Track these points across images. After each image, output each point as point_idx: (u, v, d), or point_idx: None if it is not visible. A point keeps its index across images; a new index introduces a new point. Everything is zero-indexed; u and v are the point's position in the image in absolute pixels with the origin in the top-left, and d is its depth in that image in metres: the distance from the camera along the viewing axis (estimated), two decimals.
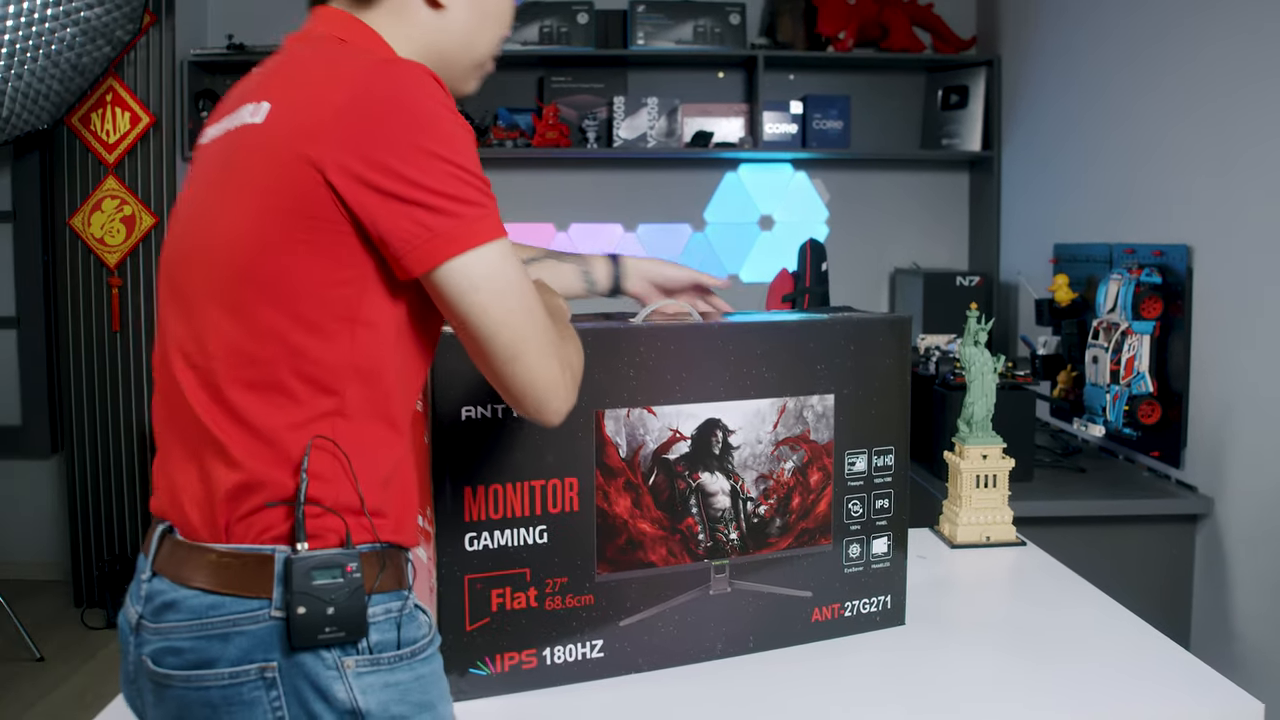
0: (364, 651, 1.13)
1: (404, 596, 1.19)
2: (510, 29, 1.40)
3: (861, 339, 1.69)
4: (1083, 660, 1.66)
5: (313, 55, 1.21)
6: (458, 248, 1.11)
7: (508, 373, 1.17)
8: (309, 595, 1.09)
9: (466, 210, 1.12)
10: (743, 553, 1.64)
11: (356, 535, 1.14)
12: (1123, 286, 3.01)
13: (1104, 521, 2.84)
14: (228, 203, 1.15)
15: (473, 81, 1.38)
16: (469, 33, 1.33)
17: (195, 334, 1.16)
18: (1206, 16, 2.89)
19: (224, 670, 1.11)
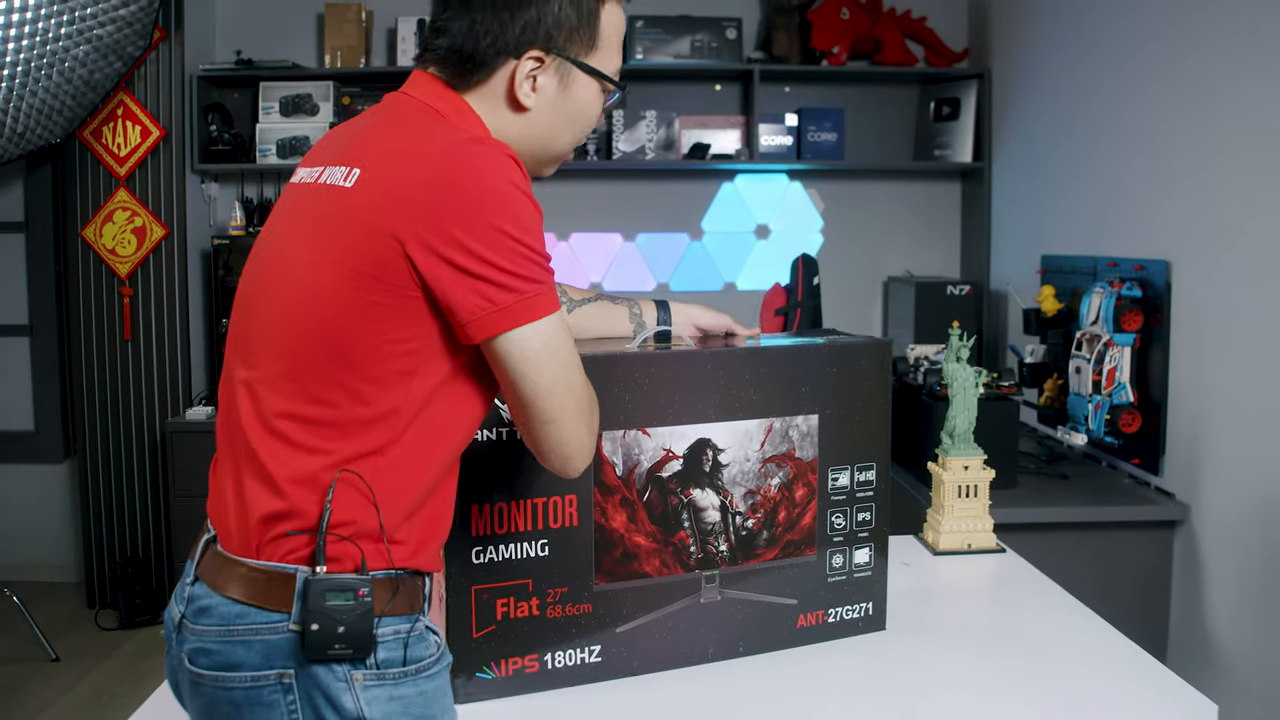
0: (372, 667, 1.25)
1: (413, 620, 1.29)
2: (596, 123, 1.49)
3: (844, 362, 1.80)
4: (1051, 662, 1.77)
5: (406, 125, 1.32)
6: (516, 322, 1.23)
7: (543, 434, 1.30)
8: (322, 614, 1.21)
9: (527, 287, 1.23)
10: (732, 563, 1.75)
11: (372, 562, 1.25)
12: (1105, 299, 3.12)
13: (1085, 527, 2.94)
14: (311, 260, 1.26)
15: (549, 169, 1.49)
16: (549, 134, 1.43)
17: (264, 367, 1.28)
18: (1193, 38, 2.99)
19: (247, 674, 1.24)
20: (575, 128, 1.45)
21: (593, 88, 1.43)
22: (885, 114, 4.85)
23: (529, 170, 1.34)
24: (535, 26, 1.36)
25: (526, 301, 1.24)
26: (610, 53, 1.44)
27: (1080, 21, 3.69)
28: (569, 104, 1.42)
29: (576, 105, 1.42)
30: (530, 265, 1.24)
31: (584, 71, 1.41)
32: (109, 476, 4.67)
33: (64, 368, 4.95)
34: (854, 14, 4.56)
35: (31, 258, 4.94)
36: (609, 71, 1.44)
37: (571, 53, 1.39)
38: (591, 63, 1.42)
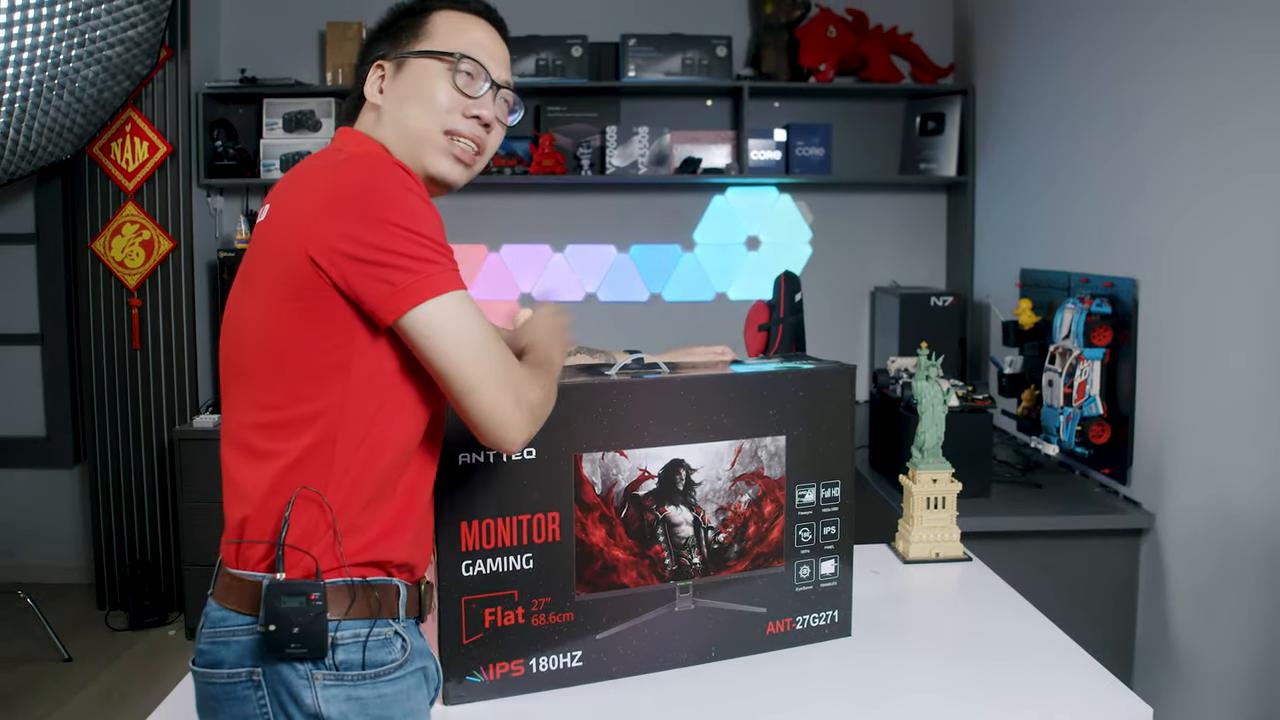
0: (330, 667, 1.38)
1: (372, 624, 1.42)
2: (457, 109, 1.57)
3: (810, 387, 1.93)
4: (1002, 665, 1.90)
5: (311, 163, 1.48)
6: (416, 299, 1.36)
7: (466, 405, 1.41)
8: (279, 616, 1.35)
9: (422, 267, 1.36)
10: (704, 575, 1.88)
11: (327, 570, 1.39)
12: (1076, 315, 3.24)
13: (1055, 535, 3.06)
14: (246, 292, 1.45)
15: (439, 160, 1.57)
16: (399, 117, 1.56)
17: (227, 391, 1.47)
18: (1165, 63, 3.10)
19: (225, 671, 1.40)
20: (421, 103, 1.56)
21: (425, 66, 1.57)
22: (872, 129, 4.97)
23: (421, 169, 1.56)
24: (375, 50, 1.61)
25: (424, 280, 1.36)
26: (442, 39, 1.58)
27: (1059, 40, 3.81)
28: (404, 83, 1.56)
29: (411, 81, 1.56)
30: (421, 249, 1.37)
31: (412, 56, 1.57)
32: (119, 481, 4.80)
33: (74, 376, 5.08)
34: (841, 32, 4.69)
35: (42, 268, 5.07)
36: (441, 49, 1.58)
37: (400, 49, 1.59)
38: (421, 49, 1.58)
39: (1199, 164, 2.89)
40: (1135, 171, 3.23)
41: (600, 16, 4.83)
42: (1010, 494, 3.25)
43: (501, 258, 4.93)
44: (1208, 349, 2.84)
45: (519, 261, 4.95)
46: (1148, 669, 3.08)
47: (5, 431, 5.16)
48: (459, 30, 1.60)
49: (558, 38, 4.63)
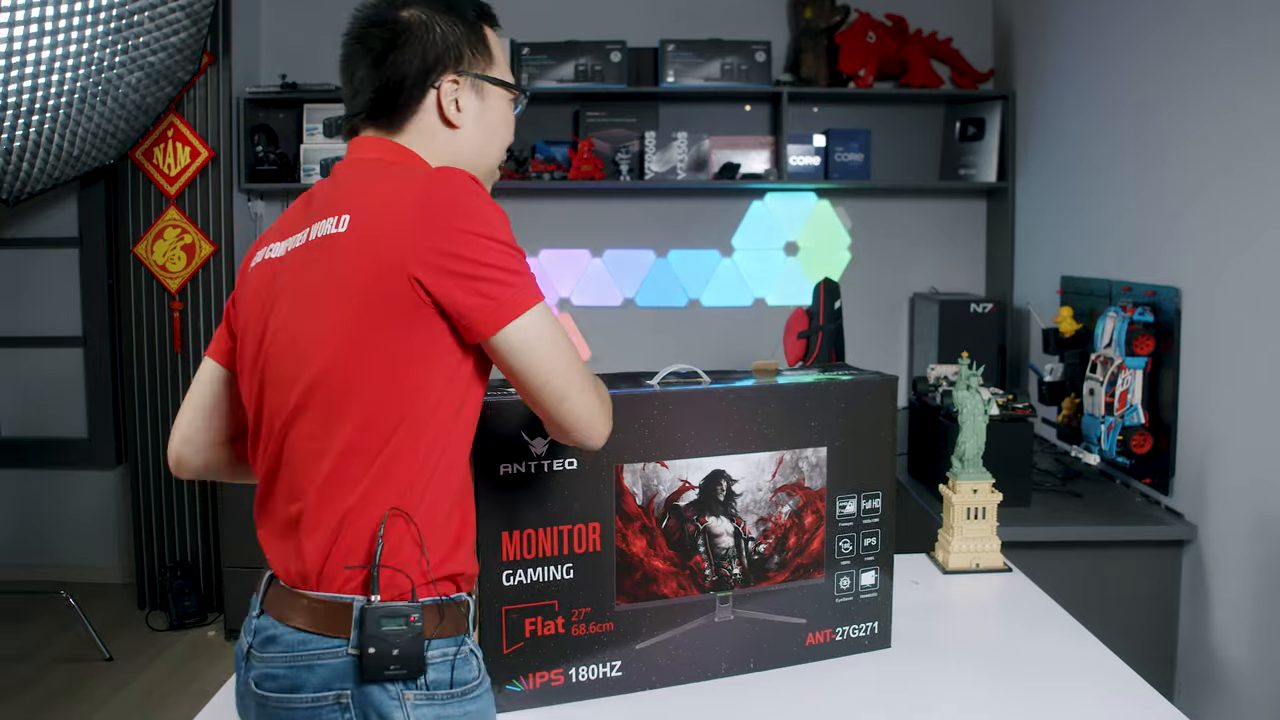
0: (421, 687, 1.38)
1: (460, 641, 1.43)
2: (512, 137, 1.66)
3: (851, 398, 1.92)
4: (1043, 680, 1.88)
5: (372, 175, 1.48)
6: (516, 312, 1.38)
7: (561, 411, 1.43)
8: (378, 638, 1.35)
9: (516, 280, 1.38)
10: (744, 585, 1.88)
11: (421, 590, 1.39)
12: (1118, 323, 3.22)
13: (1096, 546, 3.04)
14: (315, 307, 1.40)
15: (489, 184, 1.62)
16: (480, 147, 1.60)
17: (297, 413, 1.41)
18: (1210, 67, 3.08)
19: (309, 695, 1.37)
20: (499, 137, 1.62)
21: (503, 97, 1.61)
22: (911, 134, 4.94)
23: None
24: (442, 54, 1.54)
25: (520, 293, 1.38)
26: (504, 66, 1.62)
27: (1102, 45, 3.78)
28: (490, 114, 1.59)
29: (496, 115, 1.60)
30: (511, 259, 1.39)
31: (493, 84, 1.59)
32: (159, 483, 4.84)
33: (116, 378, 5.13)
34: (880, 37, 4.67)
35: (85, 272, 5.12)
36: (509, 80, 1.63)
37: (477, 70, 1.57)
38: (495, 75, 1.60)
39: (1245, 173, 2.87)
40: (1179, 179, 3.20)
41: (639, 22, 4.83)
42: (1051, 504, 3.23)
43: (540, 262, 4.94)
44: (1252, 359, 2.81)
45: (558, 266, 4.96)
46: (1189, 683, 3.05)
47: (48, 433, 5.21)
48: (505, 53, 1.65)
49: (597, 43, 4.63)
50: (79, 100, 4.00)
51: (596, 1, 4.89)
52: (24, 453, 5.20)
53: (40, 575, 5.13)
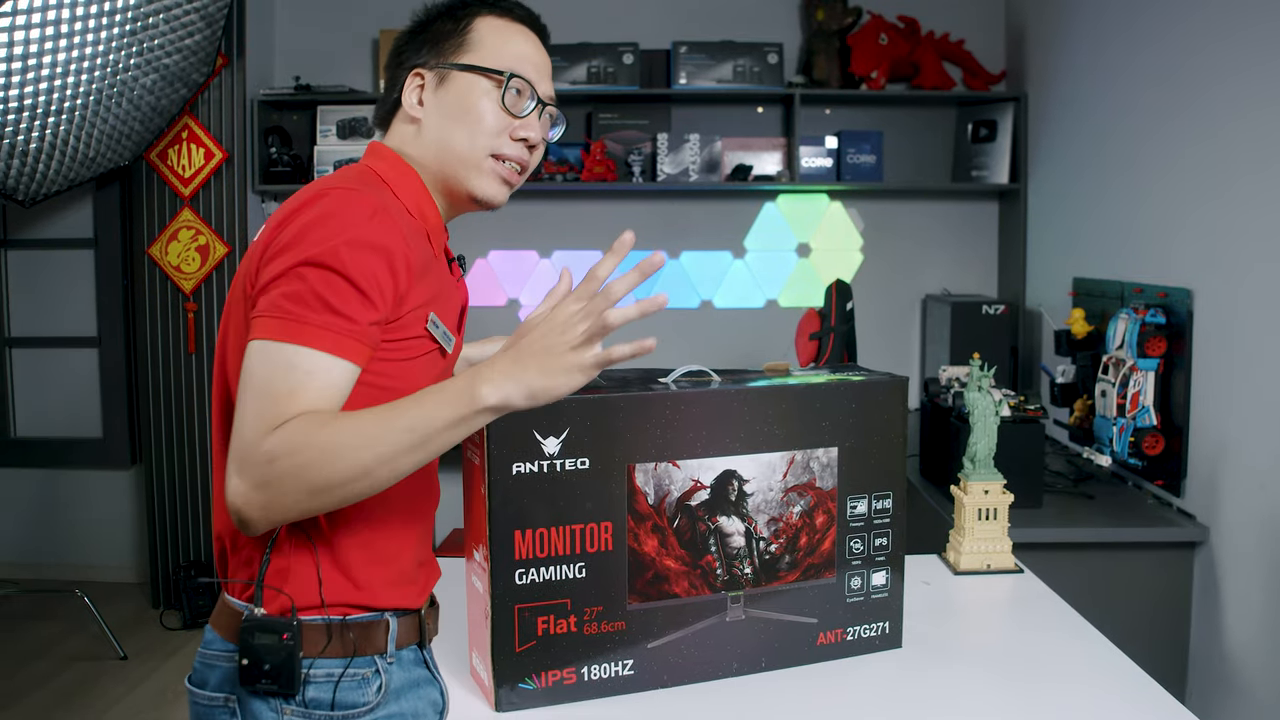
0: (299, 704, 1.40)
1: (348, 664, 1.42)
2: (505, 130, 1.54)
3: (862, 398, 1.93)
4: (1054, 681, 1.88)
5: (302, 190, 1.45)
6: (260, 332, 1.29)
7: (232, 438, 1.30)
8: (252, 650, 1.37)
9: (293, 307, 1.29)
10: (755, 585, 1.88)
11: (304, 607, 1.40)
12: (1129, 325, 3.22)
13: (1108, 548, 3.04)
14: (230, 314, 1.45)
15: (484, 183, 1.55)
16: (442, 135, 1.53)
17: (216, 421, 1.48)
18: (1222, 69, 3.08)
19: (207, 692, 1.43)
20: (465, 123, 1.53)
21: (470, 82, 1.53)
22: (923, 136, 4.95)
23: (456, 186, 1.54)
24: (412, 51, 1.56)
25: (284, 321, 1.28)
26: (488, 52, 1.54)
27: (1113, 47, 3.78)
28: (448, 99, 1.53)
29: (456, 100, 1.53)
30: (310, 297, 1.29)
31: (456, 69, 1.53)
32: (173, 483, 4.87)
33: (131, 378, 5.16)
34: (893, 39, 4.68)
35: (100, 273, 5.15)
36: (488, 65, 1.54)
37: (442, 60, 1.54)
38: (464, 62, 1.54)
39: (1256, 175, 2.87)
40: (1190, 181, 3.20)
41: (652, 24, 4.85)
42: (1062, 505, 3.23)
43: (553, 264, 4.96)
44: (1264, 361, 2.81)
45: (570, 267, 4.96)
46: (1201, 685, 3.05)
47: (63, 433, 5.24)
48: (504, 41, 1.56)
49: (609, 45, 4.65)
50: (94, 102, 4.02)
51: (609, 4, 4.90)
52: (39, 452, 5.24)
53: (55, 574, 5.16)
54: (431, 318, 1.45)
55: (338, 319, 1.29)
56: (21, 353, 5.24)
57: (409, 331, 1.42)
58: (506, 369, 1.28)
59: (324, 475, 1.24)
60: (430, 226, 1.54)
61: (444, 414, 1.27)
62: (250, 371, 1.28)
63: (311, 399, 1.27)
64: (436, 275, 1.49)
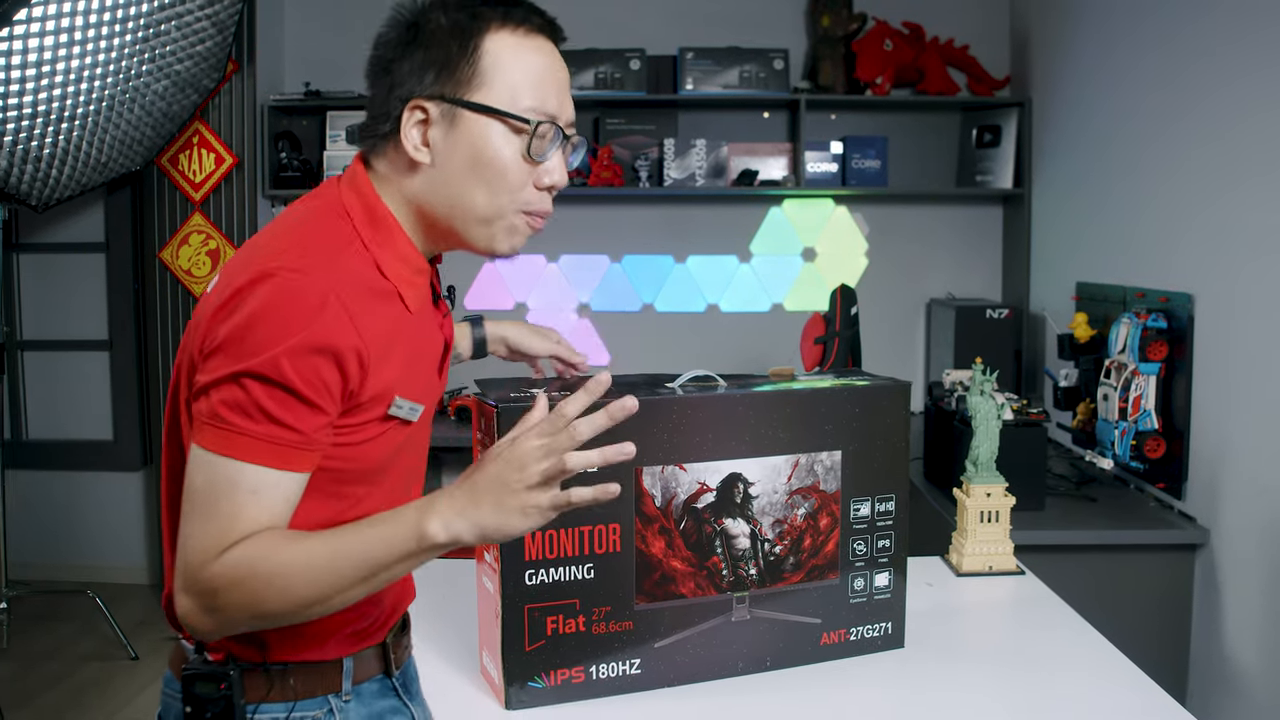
0: None
1: (291, 708, 1.37)
2: (530, 182, 1.36)
3: (865, 403, 1.96)
4: (1055, 680, 1.92)
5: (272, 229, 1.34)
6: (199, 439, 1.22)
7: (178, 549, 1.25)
8: (193, 698, 1.33)
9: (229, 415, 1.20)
10: (760, 586, 1.92)
11: (242, 656, 1.35)
12: (1131, 329, 3.25)
13: (1109, 549, 3.07)
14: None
15: (506, 240, 1.39)
16: (456, 191, 1.34)
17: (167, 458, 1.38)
18: (1224, 75, 3.12)
19: None
20: (485, 179, 1.33)
21: (489, 128, 1.32)
22: (928, 141, 4.99)
23: (465, 238, 1.37)
24: (410, 78, 1.31)
25: (225, 433, 1.21)
26: (505, 87, 1.32)
27: (1116, 52, 3.81)
28: (462, 150, 1.32)
29: (472, 150, 1.32)
30: (251, 408, 1.21)
31: (470, 109, 1.31)
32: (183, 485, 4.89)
33: (141, 381, 5.20)
34: (897, 44, 4.72)
35: (111, 277, 5.19)
36: (503, 106, 1.32)
37: (451, 93, 1.31)
38: (479, 99, 1.31)
39: (1256, 181, 2.90)
40: (1191, 186, 3.23)
41: (658, 30, 4.89)
42: (1064, 507, 3.26)
43: (560, 268, 5.00)
44: (1264, 365, 2.84)
45: (578, 272, 5.02)
46: (1201, 686, 3.09)
47: (74, 435, 5.29)
48: (521, 65, 1.33)
49: (616, 51, 4.69)
50: (107, 108, 4.07)
51: (616, 10, 4.94)
52: (50, 454, 5.28)
53: (66, 575, 5.20)
54: (395, 401, 1.34)
55: (282, 431, 1.21)
56: (33, 355, 5.29)
57: (364, 417, 1.31)
58: (459, 505, 1.23)
59: (271, 606, 1.22)
60: (405, 282, 1.36)
61: (392, 551, 1.23)
62: (193, 485, 1.22)
63: (257, 517, 1.22)
64: (405, 347, 1.35)
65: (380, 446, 1.35)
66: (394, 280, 1.34)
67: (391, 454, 1.38)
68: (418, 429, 1.43)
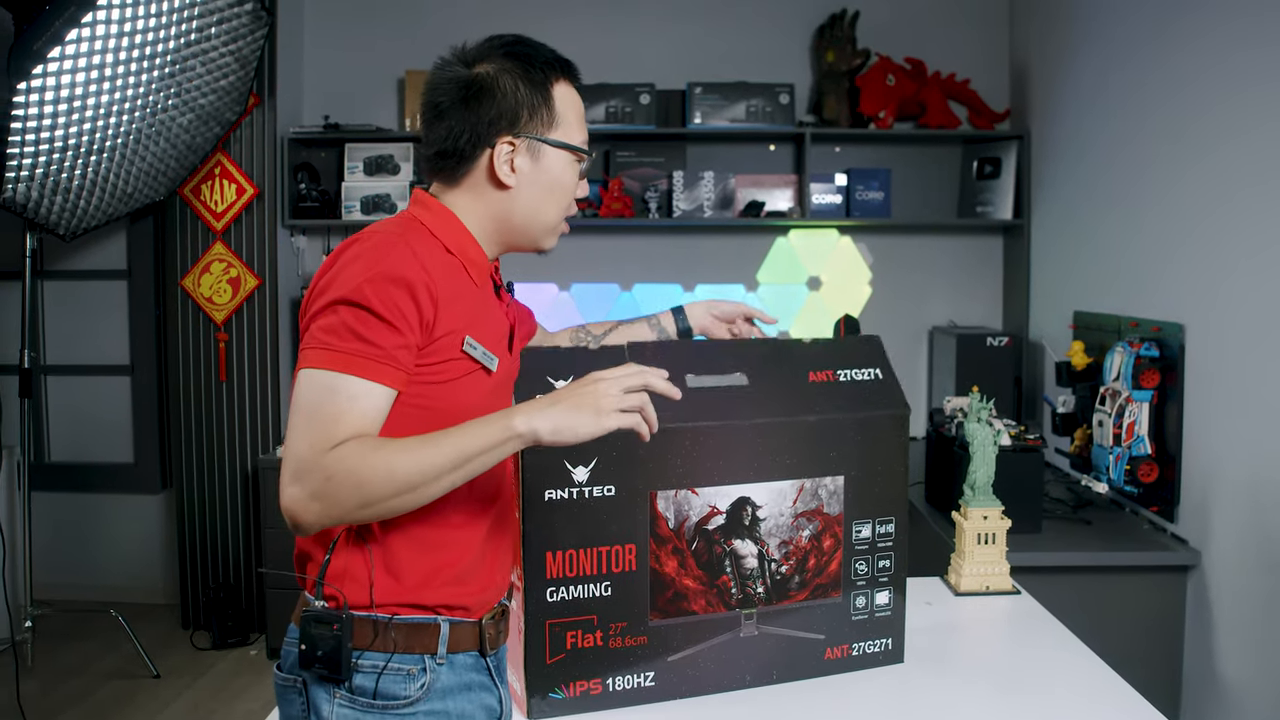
0: (346, 690, 1.57)
1: (389, 658, 1.58)
2: (579, 193, 1.76)
3: (866, 431, 2.08)
4: (1049, 697, 2.02)
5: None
6: (302, 364, 1.49)
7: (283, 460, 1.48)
8: (309, 638, 1.56)
9: (330, 339, 1.48)
10: (767, 603, 2.03)
11: (355, 606, 1.57)
12: (1125, 358, 3.36)
13: (1103, 571, 3.18)
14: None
15: (550, 240, 1.76)
16: (534, 207, 1.70)
17: None
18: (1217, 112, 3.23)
19: (283, 674, 1.63)
20: (556, 197, 1.70)
21: (563, 159, 1.69)
22: (930, 173, 5.11)
23: (530, 246, 1.74)
24: (500, 117, 1.63)
25: (314, 353, 1.48)
26: (571, 126, 1.70)
27: (1113, 87, 3.93)
28: (544, 176, 1.67)
29: (551, 176, 1.68)
30: (340, 322, 1.48)
31: (551, 146, 1.67)
32: (203, 507, 5.02)
33: (162, 406, 5.33)
34: (900, 79, 4.84)
35: (134, 303, 5.33)
36: (574, 143, 1.70)
37: (536, 132, 1.65)
38: (555, 137, 1.67)
39: (1242, 214, 3.02)
40: (1181, 219, 3.35)
41: (667, 65, 5.02)
42: (1061, 530, 3.36)
43: (571, 296, 5.12)
44: (1252, 392, 2.95)
45: (589, 300, 5.13)
46: (1194, 703, 3.18)
47: (96, 458, 5.42)
48: (575, 111, 1.71)
49: (627, 86, 4.82)
50: (134, 141, 4.20)
51: (627, 46, 5.08)
52: (73, 477, 5.40)
53: (88, 595, 5.31)
54: (468, 340, 1.59)
55: (367, 346, 1.47)
56: (56, 380, 5.41)
57: (444, 355, 1.57)
58: (542, 404, 1.50)
59: (376, 490, 1.43)
60: (469, 261, 1.66)
61: (480, 441, 1.47)
62: (300, 395, 1.47)
63: (355, 421, 1.46)
64: (471, 302, 1.63)
65: (466, 390, 1.61)
66: (459, 255, 1.64)
67: (477, 404, 1.60)
68: (499, 389, 1.70)
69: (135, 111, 4.11)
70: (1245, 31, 3.02)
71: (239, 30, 4.29)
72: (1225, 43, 3.13)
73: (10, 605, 4.49)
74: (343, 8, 5.15)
